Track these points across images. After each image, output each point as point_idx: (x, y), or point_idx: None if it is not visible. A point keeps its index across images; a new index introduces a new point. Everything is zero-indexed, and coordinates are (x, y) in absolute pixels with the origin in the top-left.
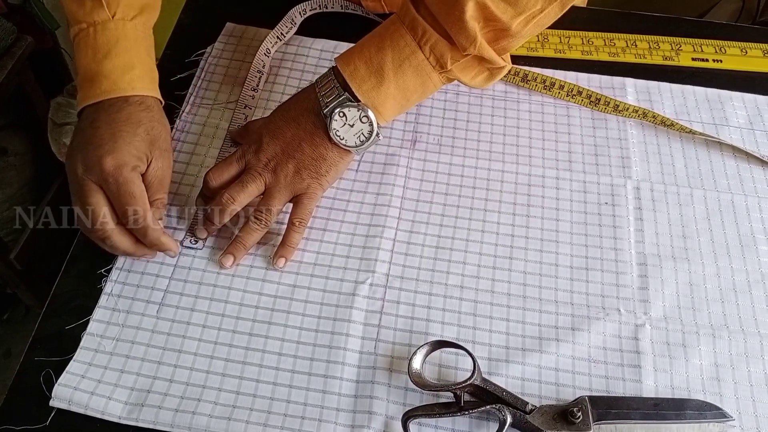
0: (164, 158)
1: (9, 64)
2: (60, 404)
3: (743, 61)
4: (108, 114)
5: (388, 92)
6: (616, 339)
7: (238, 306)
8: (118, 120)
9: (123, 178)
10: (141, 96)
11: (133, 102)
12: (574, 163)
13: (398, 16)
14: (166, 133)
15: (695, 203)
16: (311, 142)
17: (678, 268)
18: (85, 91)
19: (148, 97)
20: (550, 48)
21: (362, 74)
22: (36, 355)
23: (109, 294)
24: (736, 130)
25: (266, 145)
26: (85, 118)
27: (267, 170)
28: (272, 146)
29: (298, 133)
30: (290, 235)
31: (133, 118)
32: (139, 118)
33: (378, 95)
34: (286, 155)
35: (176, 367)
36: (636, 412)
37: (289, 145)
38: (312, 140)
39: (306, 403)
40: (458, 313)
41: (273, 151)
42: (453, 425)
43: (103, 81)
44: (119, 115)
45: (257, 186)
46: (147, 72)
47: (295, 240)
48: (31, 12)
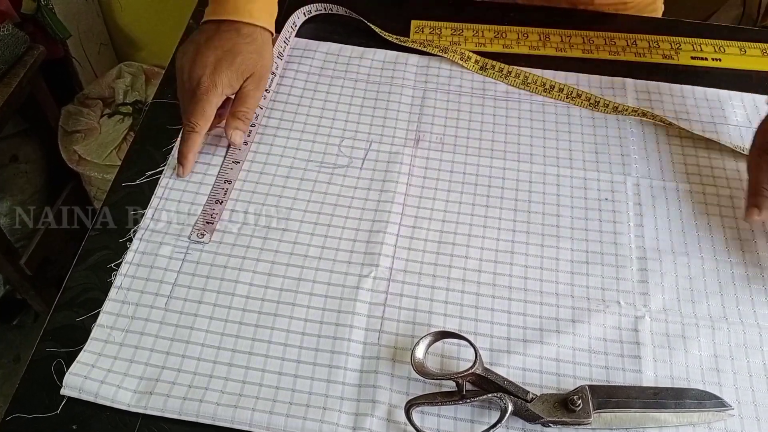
0: (255, 81)
1: (21, 73)
2: (70, 393)
3: (742, 60)
4: (219, 40)
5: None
6: (616, 330)
7: (245, 298)
8: (224, 48)
9: (206, 97)
10: (252, 27)
11: (242, 33)
12: (574, 160)
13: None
14: (263, 62)
15: (694, 199)
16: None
17: (677, 261)
18: (213, 7)
19: (257, 29)
20: (552, 46)
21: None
22: (47, 346)
23: (119, 287)
24: (735, 128)
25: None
26: (204, 32)
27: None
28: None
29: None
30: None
31: (236, 50)
32: (240, 50)
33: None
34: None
35: (184, 358)
36: (636, 401)
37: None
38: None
39: (311, 392)
40: (460, 305)
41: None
42: (455, 413)
43: (229, 4)
44: (227, 44)
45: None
46: (267, 5)
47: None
48: (43, 22)
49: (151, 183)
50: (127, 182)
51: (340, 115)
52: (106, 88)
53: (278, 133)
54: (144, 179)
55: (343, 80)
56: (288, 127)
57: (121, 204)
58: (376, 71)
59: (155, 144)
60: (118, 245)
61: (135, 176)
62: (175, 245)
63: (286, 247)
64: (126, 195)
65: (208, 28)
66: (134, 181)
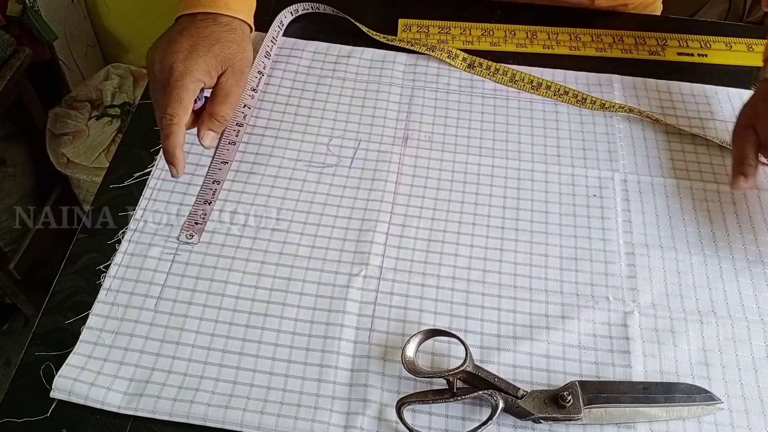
0: (235, 76)
1: (7, 76)
2: (60, 396)
3: (728, 55)
4: (195, 28)
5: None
6: (605, 326)
7: (235, 299)
8: (200, 35)
9: (181, 83)
10: (230, 18)
11: (220, 23)
12: (562, 157)
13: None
14: (243, 54)
15: (682, 194)
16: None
17: (665, 256)
18: (186, 2)
19: (236, 20)
20: (539, 44)
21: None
22: (36, 350)
23: (108, 289)
24: (722, 123)
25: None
26: (177, 25)
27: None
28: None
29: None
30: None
31: (214, 36)
32: (219, 37)
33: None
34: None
35: (174, 359)
36: (626, 396)
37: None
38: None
39: (302, 392)
40: (450, 303)
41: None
42: (446, 411)
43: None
44: (204, 31)
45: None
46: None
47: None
48: (29, 24)
49: (140, 184)
50: (115, 184)
51: (329, 114)
52: (94, 90)
53: (266, 132)
54: (132, 181)
55: (331, 79)
56: (276, 127)
57: (109, 206)
58: (364, 70)
59: (143, 145)
60: (107, 247)
61: (123, 178)
62: (164, 246)
63: (276, 247)
64: (114, 197)
65: (182, 21)
66: (122, 182)
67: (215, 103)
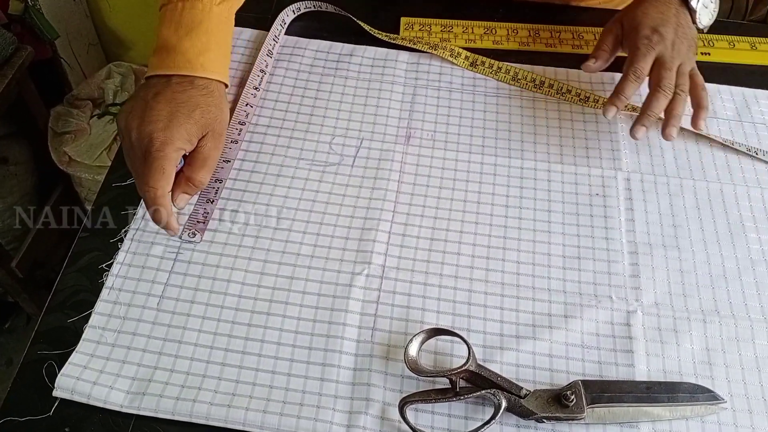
0: (215, 140)
1: (9, 74)
2: (63, 394)
3: (731, 53)
4: (172, 92)
5: None
6: (608, 325)
7: (237, 298)
8: (179, 101)
9: (162, 153)
10: (207, 80)
11: (197, 86)
12: (565, 156)
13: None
14: (222, 117)
15: (685, 193)
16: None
17: (669, 255)
18: (159, 60)
19: (213, 81)
20: (541, 42)
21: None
22: (38, 348)
23: (111, 288)
24: (725, 122)
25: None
26: (151, 87)
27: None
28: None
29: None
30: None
31: (192, 102)
32: (198, 102)
33: None
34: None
35: (177, 358)
36: (629, 395)
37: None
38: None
39: (304, 391)
40: (453, 302)
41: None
42: (449, 410)
43: (178, 57)
44: (182, 96)
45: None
46: (221, 56)
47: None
48: (31, 22)
49: None
50: (117, 183)
51: (331, 112)
52: (96, 89)
53: (268, 131)
54: (134, 179)
55: (333, 78)
56: (278, 125)
57: (111, 205)
58: (366, 68)
59: None
60: (109, 246)
61: (125, 176)
62: (166, 245)
63: (278, 245)
64: (116, 195)
65: (155, 83)
66: (124, 181)
67: (194, 168)
